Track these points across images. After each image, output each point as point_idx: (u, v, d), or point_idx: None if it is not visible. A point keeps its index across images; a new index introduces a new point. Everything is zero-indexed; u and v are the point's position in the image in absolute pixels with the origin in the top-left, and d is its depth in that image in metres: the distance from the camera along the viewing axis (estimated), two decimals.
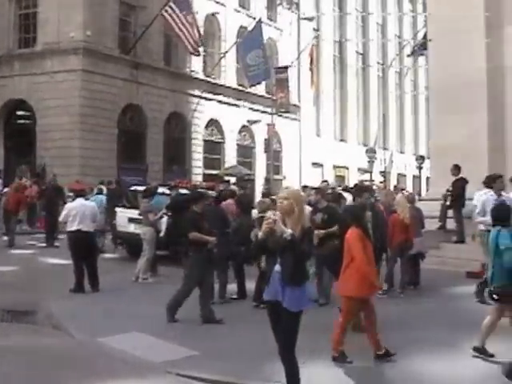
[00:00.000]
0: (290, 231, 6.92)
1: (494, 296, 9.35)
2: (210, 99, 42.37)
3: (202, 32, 36.56)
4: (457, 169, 18.31)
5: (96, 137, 34.34)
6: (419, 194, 34.43)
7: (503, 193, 13.75)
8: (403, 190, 24.94)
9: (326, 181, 25.38)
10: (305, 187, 20.11)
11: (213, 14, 42.76)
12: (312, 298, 10.00)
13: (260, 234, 7.09)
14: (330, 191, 16.72)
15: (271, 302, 7.14)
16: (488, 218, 10.98)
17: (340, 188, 22.54)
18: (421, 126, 69.37)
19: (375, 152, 47.54)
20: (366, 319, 9.41)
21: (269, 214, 7.14)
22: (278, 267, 7.05)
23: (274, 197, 12.68)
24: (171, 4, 34.19)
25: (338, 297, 12.73)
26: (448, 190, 18.47)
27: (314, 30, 51.70)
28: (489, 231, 10.15)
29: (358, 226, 9.40)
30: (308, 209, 12.71)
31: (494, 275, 9.41)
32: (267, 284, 7.23)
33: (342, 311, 9.48)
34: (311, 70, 47.14)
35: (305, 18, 47.91)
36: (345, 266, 9.31)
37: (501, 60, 20.59)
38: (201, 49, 36.93)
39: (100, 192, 22.50)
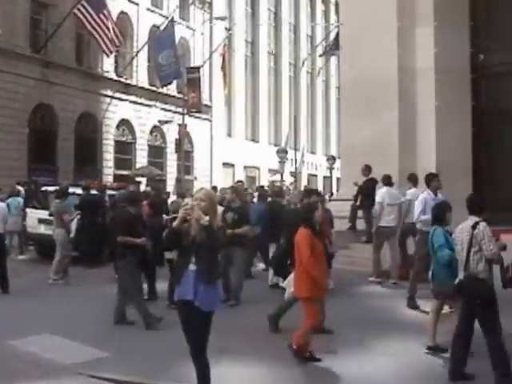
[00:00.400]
0: (207, 217, 7.06)
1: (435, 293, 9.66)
2: (122, 99, 41.96)
3: (117, 31, 36.15)
4: (367, 169, 18.52)
5: (5, 136, 33.60)
6: (331, 195, 34.90)
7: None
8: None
9: (240, 181, 25.48)
10: (214, 188, 20.23)
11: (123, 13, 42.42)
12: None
13: (176, 222, 7.20)
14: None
15: (183, 301, 7.16)
16: (428, 217, 11.10)
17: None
18: (332, 127, 70.20)
19: (286, 152, 47.92)
20: (305, 318, 9.38)
21: (186, 200, 7.25)
22: (192, 266, 7.10)
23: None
24: (83, 3, 33.73)
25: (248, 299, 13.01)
26: (358, 190, 18.76)
27: (226, 29, 51.81)
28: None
29: (307, 226, 9.38)
30: (220, 208, 12.83)
31: (434, 273, 9.72)
32: (179, 284, 7.25)
33: (306, 313, 9.43)
34: (223, 69, 47.27)
35: (217, 18, 47.94)
36: (296, 267, 9.41)
37: (412, 61, 20.82)
38: (112, 48, 36.55)
39: (17, 194, 22.04)
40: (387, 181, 16.86)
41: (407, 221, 15.89)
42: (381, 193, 16.70)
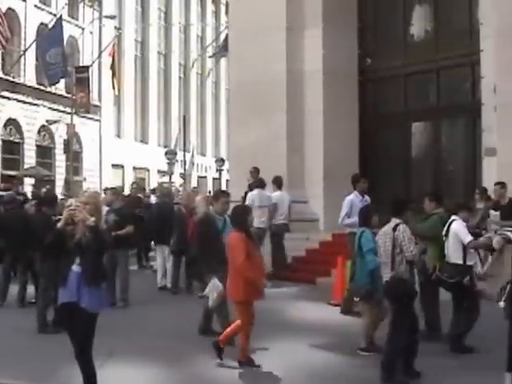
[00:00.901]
0: (93, 219, 6.98)
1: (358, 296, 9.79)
2: (9, 98, 40.96)
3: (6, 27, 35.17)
4: (256, 171, 18.60)
5: None
6: None
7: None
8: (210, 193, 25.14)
9: (135, 182, 25.29)
10: (106, 189, 19.95)
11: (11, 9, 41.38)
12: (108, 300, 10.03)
13: (60, 223, 7.07)
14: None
15: (67, 303, 7.04)
16: (355, 220, 11.12)
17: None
18: (222, 129, 70.31)
19: (176, 154, 47.70)
20: (240, 322, 9.29)
21: (70, 201, 7.15)
22: (76, 267, 7.01)
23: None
24: None
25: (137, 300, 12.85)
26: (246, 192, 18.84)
27: (116, 28, 51.22)
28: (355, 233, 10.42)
29: (241, 229, 9.22)
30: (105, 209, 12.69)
31: (357, 275, 9.81)
32: (63, 286, 7.10)
33: (240, 317, 9.30)
34: (112, 69, 46.68)
35: (106, 17, 47.31)
36: (230, 271, 9.23)
37: (301, 63, 20.94)
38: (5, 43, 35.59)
39: None
40: (259, 183, 17.12)
41: (274, 222, 16.41)
42: (251, 195, 16.88)
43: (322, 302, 13.79)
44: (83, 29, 48.98)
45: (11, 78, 41.18)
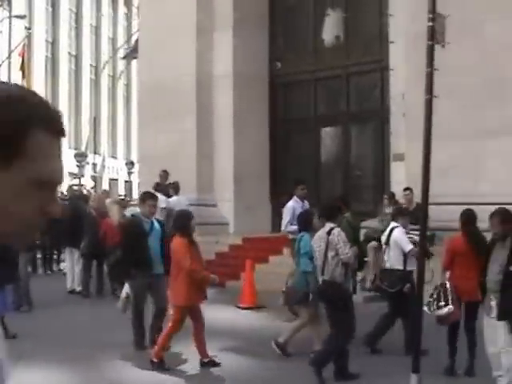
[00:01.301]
0: None
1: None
2: None
3: None
4: (165, 174, 18.46)
5: None
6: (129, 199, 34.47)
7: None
8: (121, 195, 24.76)
9: (75, 185, 24.78)
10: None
11: None
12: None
13: None
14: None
15: None
16: (296, 227, 11.02)
17: None
18: (133, 131, 69.53)
19: (86, 156, 46.97)
20: (194, 327, 9.34)
21: None
22: None
23: None
24: None
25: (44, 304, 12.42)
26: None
27: (26, 28, 50.09)
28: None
29: (183, 234, 9.24)
30: None
31: (294, 280, 9.71)
32: None
33: (171, 319, 9.35)
34: (22, 70, 45.63)
35: (16, 16, 46.21)
36: (175, 276, 9.22)
37: (211, 66, 20.89)
38: None
39: None
40: (156, 187, 17.11)
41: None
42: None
43: (231, 305, 13.79)
44: None
45: None
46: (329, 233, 8.83)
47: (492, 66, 14.95)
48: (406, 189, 14.55)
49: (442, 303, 8.47)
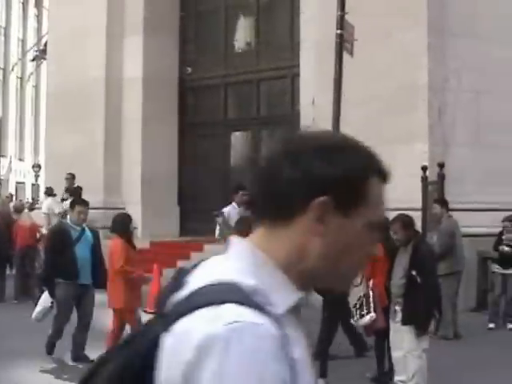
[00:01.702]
0: None
1: None
2: None
3: None
4: (71, 177, 18.04)
5: None
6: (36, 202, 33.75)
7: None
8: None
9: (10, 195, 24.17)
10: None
11: None
12: None
13: None
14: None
15: None
16: None
17: None
18: (41, 134, 68.16)
19: None
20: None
21: None
22: None
23: None
24: None
25: None
26: (63, 199, 18.22)
27: None
28: None
29: (121, 236, 9.18)
30: None
31: None
32: None
33: (112, 322, 9.29)
34: None
35: None
36: (111, 279, 9.14)
37: (120, 70, 20.49)
38: None
39: None
40: (50, 191, 17.14)
41: None
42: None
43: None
44: None
45: None
46: None
47: (401, 73, 15.15)
48: None
49: (365, 312, 8.46)
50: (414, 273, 7.45)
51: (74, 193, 16.92)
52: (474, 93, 15.33)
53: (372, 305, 8.36)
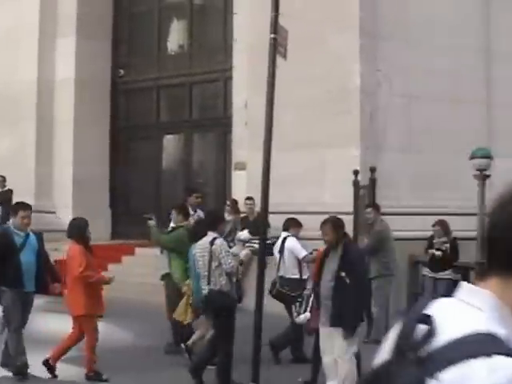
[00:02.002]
0: None
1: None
2: None
3: None
4: (3, 179, 17.79)
5: None
6: None
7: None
8: None
9: None
10: None
11: None
12: None
13: None
14: None
15: None
16: None
17: None
18: None
19: None
20: (69, 335, 9.13)
21: None
22: None
23: None
24: None
25: None
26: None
27: None
28: None
29: (78, 241, 9.06)
30: None
31: (194, 290, 9.42)
32: None
33: (85, 332, 9.05)
34: None
35: None
36: (71, 286, 9.00)
37: (52, 72, 20.13)
38: None
39: None
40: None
41: None
42: None
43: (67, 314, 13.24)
44: None
45: None
46: (212, 242, 8.79)
47: (333, 77, 15.23)
48: (248, 198, 14.55)
49: (302, 310, 8.50)
50: (343, 274, 7.45)
51: (4, 196, 16.63)
52: (405, 97, 15.50)
53: (310, 304, 8.38)
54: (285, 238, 10.23)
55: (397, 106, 15.45)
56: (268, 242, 9.36)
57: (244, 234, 14.27)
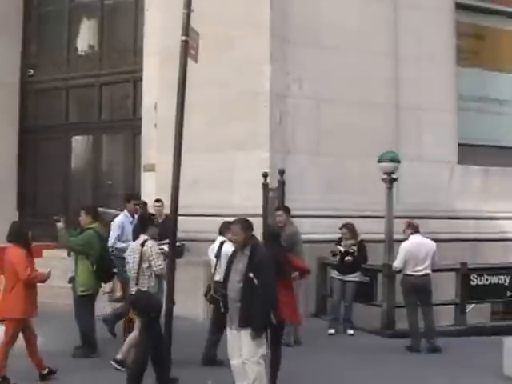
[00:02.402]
0: None
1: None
2: None
3: None
4: None
5: None
6: None
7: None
8: None
9: None
10: None
11: None
12: None
13: None
14: None
15: None
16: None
17: None
18: None
19: None
20: (27, 341, 9.01)
21: None
22: None
23: None
24: None
25: None
26: None
27: None
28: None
29: (20, 245, 8.98)
30: None
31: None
32: None
33: (5, 334, 8.86)
34: None
35: None
36: (10, 288, 8.87)
37: None
38: None
39: None
40: None
41: None
42: None
43: None
44: None
45: None
46: (142, 244, 8.79)
47: (244, 80, 15.24)
48: (157, 200, 14.40)
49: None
50: (251, 275, 7.42)
51: None
52: (314, 101, 15.66)
53: None
54: (222, 243, 10.12)
55: (306, 109, 15.57)
56: (177, 244, 9.28)
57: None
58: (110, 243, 11.68)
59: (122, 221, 12.12)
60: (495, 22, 19.56)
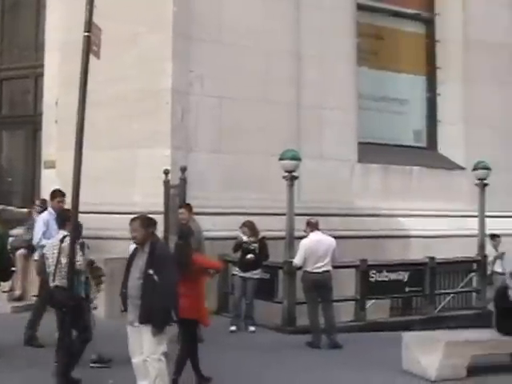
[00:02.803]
0: None
1: None
2: None
3: None
4: None
5: None
6: None
7: None
8: None
9: None
10: None
11: None
12: None
13: None
14: None
15: None
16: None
17: None
18: None
19: None
20: None
21: None
22: None
23: None
24: None
25: None
26: None
27: None
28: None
29: None
30: None
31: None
32: None
33: None
34: None
35: None
36: None
37: None
38: None
39: None
40: None
41: None
42: None
43: None
44: None
45: None
46: (62, 240, 8.80)
47: (146, 76, 15.14)
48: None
49: None
50: (151, 272, 7.41)
51: None
52: (217, 98, 15.69)
53: None
54: None
55: (208, 107, 15.58)
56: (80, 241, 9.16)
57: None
58: (35, 241, 11.54)
59: (46, 218, 11.80)
60: (395, 23, 20.01)
